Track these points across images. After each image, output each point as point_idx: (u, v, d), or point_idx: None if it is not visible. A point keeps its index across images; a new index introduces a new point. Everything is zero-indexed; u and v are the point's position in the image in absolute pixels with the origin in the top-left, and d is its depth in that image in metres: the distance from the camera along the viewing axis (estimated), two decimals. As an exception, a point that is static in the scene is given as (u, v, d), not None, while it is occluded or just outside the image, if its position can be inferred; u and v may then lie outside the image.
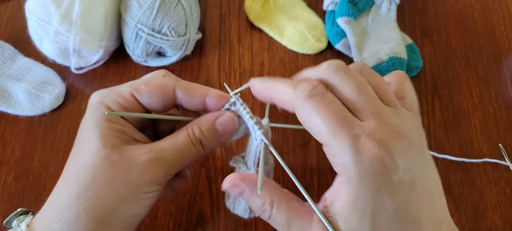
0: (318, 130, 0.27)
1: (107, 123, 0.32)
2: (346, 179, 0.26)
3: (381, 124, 0.27)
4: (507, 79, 0.55)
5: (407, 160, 0.26)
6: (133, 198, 0.31)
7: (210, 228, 0.45)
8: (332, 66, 0.29)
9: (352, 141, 0.25)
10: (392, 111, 0.28)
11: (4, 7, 0.60)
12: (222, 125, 0.34)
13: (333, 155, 0.27)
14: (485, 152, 0.49)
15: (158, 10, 0.49)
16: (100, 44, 0.51)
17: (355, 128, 0.26)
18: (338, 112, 0.27)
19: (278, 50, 0.57)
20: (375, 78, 0.30)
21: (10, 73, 0.52)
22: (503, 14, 0.61)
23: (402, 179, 0.25)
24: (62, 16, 0.47)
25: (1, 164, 0.48)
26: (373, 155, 0.25)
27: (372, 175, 0.25)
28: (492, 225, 0.45)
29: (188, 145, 0.33)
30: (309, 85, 0.28)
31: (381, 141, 0.26)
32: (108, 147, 0.31)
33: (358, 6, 0.56)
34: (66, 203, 0.30)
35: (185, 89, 0.34)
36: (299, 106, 0.28)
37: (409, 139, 0.27)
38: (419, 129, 0.29)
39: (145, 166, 0.31)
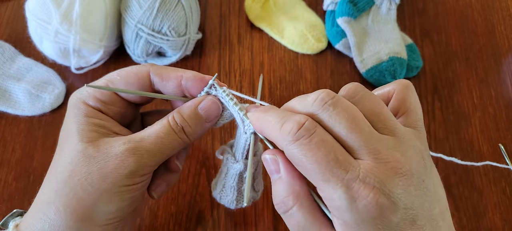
0: (309, 175, 0.26)
1: (85, 118, 0.31)
2: (342, 223, 0.25)
3: (377, 162, 0.25)
4: (507, 79, 0.55)
5: (407, 197, 0.24)
6: (112, 191, 0.30)
7: (210, 228, 0.45)
8: (319, 100, 0.26)
9: (346, 187, 0.24)
10: (390, 142, 0.26)
11: (4, 7, 0.60)
12: (204, 110, 0.32)
13: (327, 199, 0.25)
14: (485, 152, 0.49)
15: (158, 10, 0.49)
16: (100, 44, 0.51)
17: (348, 172, 0.24)
18: (328, 155, 0.24)
19: (278, 50, 0.57)
20: (371, 102, 0.27)
21: (10, 73, 0.52)
22: (503, 14, 0.61)
23: (402, 218, 0.24)
24: (62, 16, 0.47)
25: (1, 164, 0.48)
26: (369, 202, 0.24)
27: (370, 221, 0.24)
28: (492, 225, 0.45)
29: (169, 133, 0.31)
30: (295, 126, 0.25)
31: (377, 183, 0.24)
32: (85, 141, 0.30)
33: (358, 6, 0.56)
34: (46, 201, 0.30)
35: (159, 73, 0.32)
36: (286, 150, 0.26)
37: (409, 173, 0.25)
38: (422, 151, 0.27)
39: (123, 156, 0.30)
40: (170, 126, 0.32)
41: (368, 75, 0.53)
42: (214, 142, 0.50)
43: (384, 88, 0.32)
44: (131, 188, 0.31)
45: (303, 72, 0.55)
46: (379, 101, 0.28)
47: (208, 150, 0.49)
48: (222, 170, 0.38)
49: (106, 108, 0.33)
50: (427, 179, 0.26)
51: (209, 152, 0.49)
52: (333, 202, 0.25)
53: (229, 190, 0.37)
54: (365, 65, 0.54)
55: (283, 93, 0.53)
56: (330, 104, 0.26)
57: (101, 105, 0.32)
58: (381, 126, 0.27)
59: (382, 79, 0.52)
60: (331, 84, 0.54)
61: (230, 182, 0.37)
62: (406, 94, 0.30)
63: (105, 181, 0.29)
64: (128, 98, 0.34)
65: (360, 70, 0.54)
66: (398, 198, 0.24)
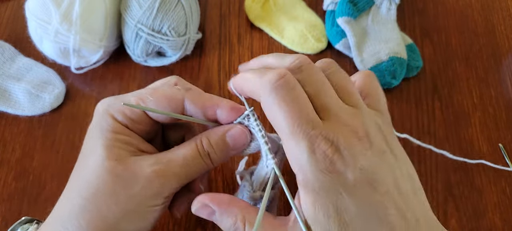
0: (278, 125, 0.27)
1: (112, 134, 0.31)
2: (302, 178, 0.26)
3: (338, 124, 0.26)
4: (507, 79, 0.55)
5: (365, 160, 0.26)
6: (136, 211, 0.30)
7: (210, 228, 0.45)
8: (297, 62, 0.28)
9: (308, 141, 0.25)
10: (352, 111, 0.28)
11: (4, 7, 0.60)
12: (232, 138, 0.32)
13: (289, 152, 0.27)
14: (485, 152, 0.49)
15: (158, 10, 0.49)
16: (100, 44, 0.51)
17: (314, 129, 0.26)
18: (302, 110, 0.26)
19: (278, 50, 0.57)
20: (339, 77, 0.30)
21: (10, 73, 0.52)
22: (503, 14, 0.61)
23: (358, 178, 0.25)
24: (62, 16, 0.47)
25: (1, 164, 0.48)
26: (326, 154, 0.25)
27: (326, 174, 0.25)
28: (492, 225, 0.45)
29: (196, 157, 0.31)
30: (276, 75, 0.27)
31: (335, 141, 0.25)
32: (112, 159, 0.30)
33: (358, 6, 0.56)
34: (68, 215, 0.30)
35: (195, 101, 0.32)
36: (263, 97, 0.27)
37: (367, 138, 0.26)
38: (381, 127, 0.28)
39: (150, 178, 0.30)
40: (197, 151, 0.32)
41: (368, 75, 0.53)
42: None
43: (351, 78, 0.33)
44: (154, 208, 0.31)
45: (303, 72, 0.55)
46: (348, 77, 0.30)
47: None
48: (237, 195, 0.37)
49: (133, 125, 0.32)
50: (389, 152, 0.28)
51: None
52: (295, 155, 0.26)
53: None
54: (365, 65, 0.54)
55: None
56: (306, 67, 0.28)
57: (128, 122, 0.32)
58: (346, 98, 0.29)
59: (382, 79, 0.52)
60: (331, 84, 0.54)
61: None
62: (367, 81, 0.32)
63: (130, 201, 0.29)
64: (158, 119, 0.33)
65: (360, 70, 0.54)
66: (354, 157, 0.25)
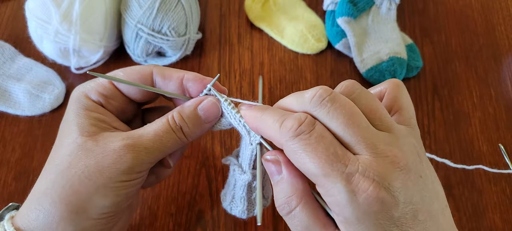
0: (308, 170, 0.25)
1: (85, 111, 0.31)
2: (343, 219, 0.25)
3: (375, 157, 0.25)
4: (507, 79, 0.55)
5: (406, 191, 0.24)
6: (109, 186, 0.30)
7: (210, 228, 0.45)
8: (317, 98, 0.26)
9: (346, 181, 0.24)
10: (387, 138, 0.26)
11: (4, 7, 0.60)
12: (204, 110, 0.33)
13: (326, 195, 0.25)
14: (485, 152, 0.49)
15: (158, 10, 0.49)
16: (100, 44, 0.51)
17: (347, 166, 0.24)
18: (328, 150, 0.25)
19: (278, 50, 0.57)
20: (367, 99, 0.28)
21: (10, 73, 0.52)
22: (503, 14, 0.61)
23: (404, 212, 0.24)
24: (62, 16, 0.47)
25: (1, 164, 0.48)
26: (369, 195, 0.24)
27: (371, 215, 0.24)
28: (492, 225, 0.45)
29: (168, 131, 0.32)
30: (295, 123, 0.26)
31: (376, 177, 0.24)
32: (84, 135, 0.30)
33: (358, 6, 0.56)
34: (42, 192, 0.30)
35: (162, 73, 0.33)
36: (286, 147, 0.26)
37: (407, 167, 0.25)
38: (416, 147, 0.27)
39: (121, 152, 0.30)
40: (169, 125, 0.32)
41: (368, 75, 0.53)
42: (214, 142, 0.50)
43: (376, 88, 0.32)
44: (127, 184, 0.31)
45: (303, 72, 0.55)
46: (375, 98, 0.28)
47: (208, 150, 0.49)
48: (229, 181, 0.38)
49: (107, 102, 0.33)
50: (424, 175, 0.26)
51: (208, 152, 0.49)
52: (333, 197, 0.25)
53: (239, 200, 0.37)
54: (365, 65, 0.54)
55: (283, 93, 0.53)
56: (328, 100, 0.26)
57: (102, 99, 0.33)
58: (378, 123, 0.27)
59: (382, 79, 0.52)
60: (331, 84, 0.54)
61: (239, 193, 0.37)
62: (398, 92, 0.31)
63: (102, 175, 0.30)
64: (129, 95, 0.34)
65: (360, 70, 0.54)
66: (398, 192, 0.24)
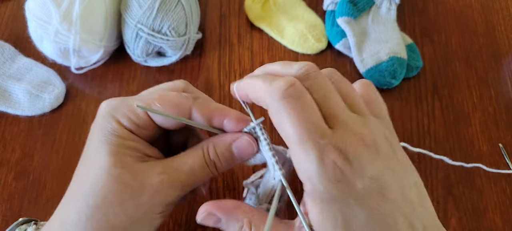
0: (287, 134, 0.26)
1: (118, 139, 0.30)
2: (311, 188, 0.26)
3: (346, 132, 0.26)
4: (507, 79, 0.55)
5: (373, 168, 0.25)
6: (144, 219, 0.30)
7: (210, 228, 0.45)
8: (304, 70, 0.28)
9: (318, 151, 0.25)
10: (359, 119, 0.27)
11: (4, 7, 0.60)
12: (239, 149, 0.32)
13: (298, 162, 0.26)
14: (485, 152, 0.49)
15: (158, 10, 0.49)
16: (100, 44, 0.51)
17: (323, 138, 0.25)
18: (310, 118, 0.26)
19: (278, 50, 0.57)
20: (345, 85, 0.29)
21: (10, 73, 0.52)
22: (503, 14, 0.61)
23: (368, 187, 0.25)
24: (62, 16, 0.47)
25: (1, 164, 0.48)
26: (334, 165, 0.25)
27: (335, 184, 0.25)
28: (492, 225, 0.45)
29: (202, 166, 0.31)
30: (285, 82, 0.26)
31: (344, 150, 0.25)
32: (118, 166, 0.29)
33: (358, 6, 0.56)
34: (75, 223, 0.29)
35: (202, 111, 0.31)
36: (272, 105, 0.27)
37: (374, 146, 0.26)
38: (386, 134, 0.28)
39: (158, 187, 0.29)
40: (204, 160, 0.31)
41: (368, 75, 0.53)
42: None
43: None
44: (161, 215, 0.31)
45: (303, 72, 0.55)
46: (351, 86, 0.30)
47: (208, 150, 0.49)
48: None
49: (138, 130, 0.31)
50: (395, 160, 0.27)
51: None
52: (304, 164, 0.26)
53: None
54: (365, 65, 0.54)
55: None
56: (313, 75, 0.28)
57: (133, 127, 0.31)
58: (352, 106, 0.28)
59: (382, 79, 0.52)
60: (331, 84, 0.54)
61: None
62: (368, 89, 0.32)
63: (138, 209, 0.29)
64: (163, 125, 0.32)
65: (360, 70, 0.54)
66: (364, 166, 0.25)
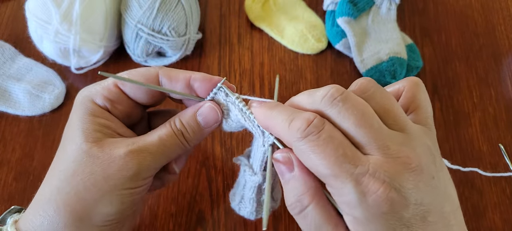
0: (318, 171, 0.25)
1: (91, 117, 0.31)
2: (353, 219, 0.25)
3: (386, 157, 0.24)
4: (507, 79, 0.55)
5: (418, 192, 0.24)
6: (114, 193, 0.30)
7: (210, 228, 0.45)
8: (329, 97, 0.26)
9: (355, 182, 0.24)
10: (399, 138, 0.26)
11: (4, 7, 0.60)
12: (202, 116, 0.32)
13: (336, 195, 0.25)
14: (485, 152, 0.49)
15: (158, 10, 0.49)
16: (100, 44, 0.51)
17: (357, 167, 0.24)
18: (337, 151, 0.24)
19: (278, 50, 0.57)
20: (381, 98, 0.27)
21: (10, 73, 0.52)
22: (503, 14, 0.61)
23: (414, 213, 0.24)
24: (62, 16, 0.47)
25: (1, 164, 0.48)
26: (379, 196, 0.23)
27: (381, 216, 0.24)
28: (492, 225, 0.45)
29: (171, 136, 0.32)
30: (303, 123, 0.25)
31: (387, 178, 0.24)
32: (89, 141, 0.30)
33: (358, 6, 0.56)
34: (47, 198, 0.30)
35: (168, 74, 0.32)
36: (295, 147, 0.26)
37: (419, 168, 0.25)
38: (431, 148, 0.27)
39: (127, 158, 0.30)
40: (172, 130, 0.32)
41: (368, 75, 0.53)
42: (214, 142, 0.50)
43: (394, 86, 0.32)
44: (132, 191, 0.31)
45: (303, 72, 0.55)
46: (390, 97, 0.28)
47: (208, 150, 0.49)
48: (239, 181, 0.38)
49: (113, 107, 0.32)
50: (437, 176, 0.26)
51: (209, 152, 0.49)
52: (343, 197, 0.25)
53: (248, 201, 0.37)
54: (365, 65, 0.54)
55: (283, 93, 0.53)
56: (340, 100, 0.26)
57: (108, 104, 0.32)
58: (391, 122, 0.27)
59: (382, 79, 0.52)
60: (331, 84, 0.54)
61: (248, 194, 0.36)
62: (416, 91, 0.31)
63: (107, 182, 0.30)
64: (136, 98, 0.33)
65: (360, 70, 0.54)
66: (409, 193, 0.24)
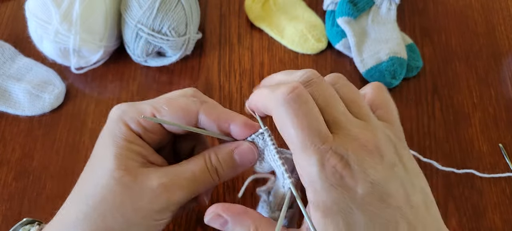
0: (290, 138, 0.27)
1: (124, 143, 0.30)
2: (313, 193, 0.26)
3: (347, 138, 0.26)
4: (507, 79, 0.55)
5: (375, 173, 0.26)
6: (142, 224, 0.30)
7: (210, 228, 0.44)
8: (305, 77, 0.29)
9: (319, 155, 0.26)
10: (361, 124, 0.28)
11: (4, 7, 0.60)
12: (240, 155, 0.32)
13: (301, 167, 0.27)
14: (485, 152, 0.49)
15: (158, 10, 0.49)
16: (100, 44, 0.51)
17: (324, 143, 0.26)
18: (313, 124, 0.26)
19: (278, 50, 0.57)
20: (348, 90, 0.30)
21: (10, 73, 0.52)
22: (503, 14, 0.61)
23: (368, 191, 0.25)
24: (62, 16, 0.47)
25: (1, 164, 0.48)
26: (335, 170, 0.25)
27: (336, 189, 0.25)
28: (492, 225, 0.45)
29: (204, 172, 0.31)
30: (287, 88, 0.27)
31: (344, 155, 0.26)
32: (121, 169, 0.29)
33: (358, 6, 0.56)
34: (73, 222, 0.29)
35: (209, 114, 0.32)
36: (275, 110, 0.27)
37: (377, 151, 0.26)
38: (392, 139, 0.28)
39: (158, 191, 0.29)
40: (205, 166, 0.32)
41: (368, 75, 0.53)
42: (214, 142, 0.50)
43: (361, 91, 0.33)
44: (159, 222, 0.31)
45: (303, 72, 0.55)
46: (356, 91, 0.30)
47: (208, 150, 0.49)
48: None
49: (146, 134, 0.32)
50: (400, 165, 0.27)
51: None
52: (305, 169, 0.26)
53: None
54: (365, 65, 0.54)
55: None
56: (315, 81, 0.28)
57: (142, 131, 0.31)
58: (355, 111, 0.29)
59: (382, 79, 0.52)
60: (331, 84, 0.54)
61: None
62: (378, 92, 0.32)
63: (136, 214, 0.29)
64: (171, 130, 0.33)
65: (360, 70, 0.54)
66: (364, 172, 0.25)
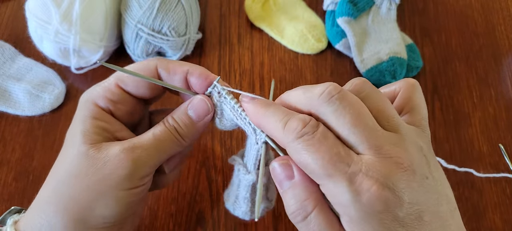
0: (312, 171, 0.25)
1: (91, 120, 0.31)
2: (348, 219, 0.25)
3: (379, 157, 0.24)
4: (507, 79, 0.55)
5: (411, 192, 0.24)
6: (110, 194, 0.29)
7: (210, 228, 0.45)
8: (326, 94, 0.26)
9: (348, 181, 0.24)
10: (392, 138, 0.26)
11: (4, 7, 0.60)
12: (193, 109, 0.32)
13: (330, 195, 0.25)
14: (485, 152, 0.49)
15: (158, 10, 0.49)
16: (100, 44, 0.51)
17: (350, 166, 0.24)
18: (331, 150, 0.25)
19: (278, 50, 0.57)
20: (376, 99, 0.28)
21: (10, 73, 0.52)
22: (503, 14, 0.61)
23: (408, 213, 0.24)
24: (62, 16, 0.47)
25: (1, 164, 0.48)
26: (372, 195, 0.23)
27: (375, 214, 0.24)
28: (492, 225, 0.45)
29: (165, 132, 0.32)
30: (298, 125, 0.26)
31: (380, 177, 0.24)
32: (87, 143, 0.30)
33: (358, 6, 0.56)
34: (46, 200, 0.30)
35: (166, 66, 0.32)
36: (289, 147, 0.26)
37: (411, 168, 0.25)
38: (423, 149, 0.27)
39: (121, 155, 0.29)
40: (165, 126, 0.32)
41: (368, 75, 0.53)
42: (214, 142, 0.50)
43: (391, 86, 0.32)
44: (129, 192, 0.30)
45: (303, 72, 0.55)
46: (384, 98, 0.28)
47: (208, 150, 0.49)
48: (233, 181, 0.37)
49: (115, 108, 0.32)
50: (431, 177, 0.26)
51: (209, 152, 0.49)
52: (337, 197, 0.25)
53: (243, 201, 0.37)
54: (365, 65, 0.54)
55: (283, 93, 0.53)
56: (337, 98, 0.26)
57: (111, 105, 0.32)
58: (385, 123, 0.27)
59: (382, 79, 0.52)
60: (331, 84, 0.54)
61: (243, 193, 0.36)
62: (412, 93, 0.31)
63: (102, 183, 0.29)
64: (137, 94, 0.33)
65: (360, 70, 0.54)
66: (402, 192, 0.24)
